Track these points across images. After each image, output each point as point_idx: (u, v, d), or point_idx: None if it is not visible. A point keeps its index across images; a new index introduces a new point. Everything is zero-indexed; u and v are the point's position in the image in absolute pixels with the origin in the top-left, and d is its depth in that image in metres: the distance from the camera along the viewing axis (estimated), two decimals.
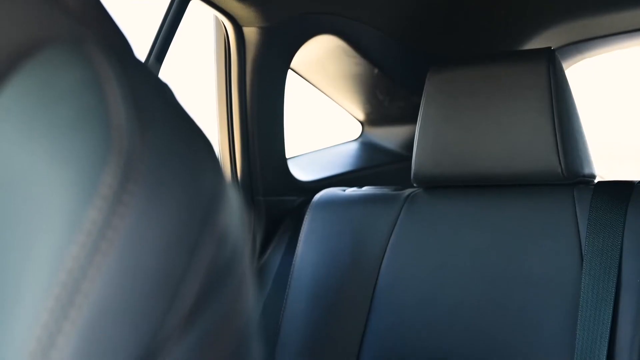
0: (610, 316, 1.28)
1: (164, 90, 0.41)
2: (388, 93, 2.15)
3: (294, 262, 1.56)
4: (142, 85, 0.39)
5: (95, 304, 0.34)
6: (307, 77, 2.03)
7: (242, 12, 1.63)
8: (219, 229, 0.38)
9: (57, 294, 0.33)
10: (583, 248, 1.34)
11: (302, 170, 1.93)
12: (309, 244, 1.55)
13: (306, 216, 1.59)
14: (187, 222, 0.36)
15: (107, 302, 0.34)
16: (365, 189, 1.62)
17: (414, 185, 1.55)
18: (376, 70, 2.04)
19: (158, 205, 0.35)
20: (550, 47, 1.47)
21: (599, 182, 1.46)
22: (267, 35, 1.68)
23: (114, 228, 0.34)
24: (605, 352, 1.27)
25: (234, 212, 0.40)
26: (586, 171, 1.44)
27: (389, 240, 1.50)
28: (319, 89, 2.09)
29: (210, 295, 0.37)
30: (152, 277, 0.35)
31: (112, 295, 0.34)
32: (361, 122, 2.26)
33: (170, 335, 0.35)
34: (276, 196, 1.78)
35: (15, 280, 0.34)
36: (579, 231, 1.36)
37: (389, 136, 2.23)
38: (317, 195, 1.63)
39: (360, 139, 2.25)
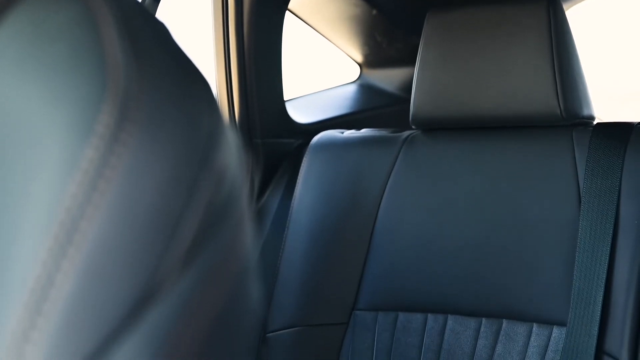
0: (607, 257, 1.29)
1: (161, 30, 0.41)
2: (386, 34, 2.13)
3: (292, 205, 1.56)
4: (138, 25, 0.39)
5: (94, 242, 0.34)
6: (305, 19, 2.01)
7: None
8: (217, 168, 0.38)
9: (56, 233, 0.33)
10: (581, 190, 1.34)
11: (300, 113, 1.92)
12: (307, 186, 1.55)
13: (304, 158, 1.59)
14: (185, 161, 0.36)
15: (106, 241, 0.34)
16: (364, 132, 1.62)
17: (413, 127, 1.55)
18: (374, 11, 2.02)
19: (155, 144, 0.35)
20: None
21: (598, 123, 1.45)
22: None
23: (111, 167, 0.34)
24: (602, 293, 1.28)
25: (231, 152, 0.40)
26: (585, 112, 1.44)
27: (387, 182, 1.50)
28: (316, 31, 2.07)
29: (208, 234, 0.37)
30: (150, 216, 0.35)
31: (111, 234, 0.34)
32: (359, 64, 2.24)
33: (169, 273, 0.35)
34: (274, 138, 1.78)
35: (13, 220, 0.34)
36: (577, 173, 1.36)
37: (387, 78, 2.22)
38: (315, 138, 1.63)
39: (358, 81, 2.24)
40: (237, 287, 0.40)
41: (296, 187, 1.57)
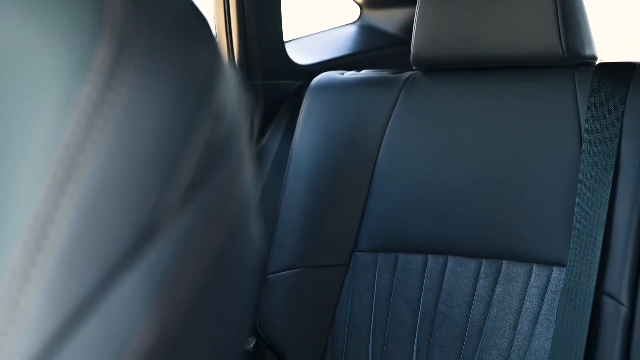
0: (607, 198, 1.29)
1: None
2: None
3: (292, 146, 1.56)
4: None
5: (93, 179, 0.34)
6: None
7: None
8: (216, 105, 0.37)
9: (54, 170, 0.33)
10: (582, 130, 1.34)
11: (299, 54, 1.91)
12: (307, 127, 1.55)
13: (304, 100, 1.58)
14: (184, 98, 0.36)
15: (105, 178, 0.34)
16: (364, 73, 1.61)
17: (413, 68, 1.54)
18: None
19: (153, 80, 0.35)
20: None
21: (600, 63, 1.44)
22: None
23: (109, 103, 0.34)
24: (602, 234, 1.28)
25: (231, 90, 0.40)
26: (587, 52, 1.43)
27: (387, 123, 1.49)
28: None
29: (207, 172, 0.37)
30: (148, 153, 0.34)
31: (109, 171, 0.34)
32: (359, 5, 2.22)
33: (168, 211, 0.35)
34: (274, 80, 1.77)
35: (12, 158, 0.34)
36: (578, 113, 1.35)
37: (387, 19, 2.20)
38: (315, 79, 1.62)
39: (358, 22, 2.22)
40: (237, 225, 0.40)
41: (296, 129, 1.57)
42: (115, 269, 0.34)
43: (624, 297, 1.26)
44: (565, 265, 1.31)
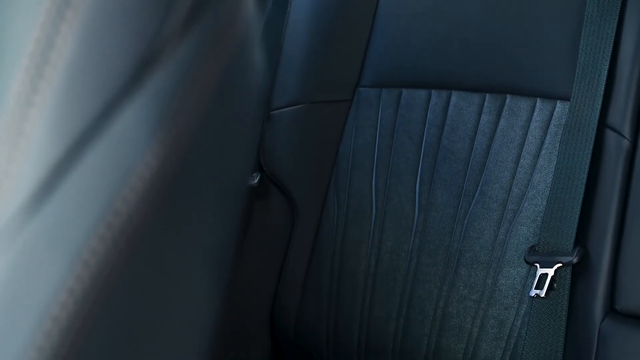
0: (613, 30, 1.27)
1: None
2: None
3: None
4: None
5: (92, 5, 0.33)
6: None
7: None
8: None
9: None
10: None
11: None
12: None
13: None
14: None
15: (104, 4, 0.33)
16: None
17: None
18: None
19: None
20: None
21: None
22: None
23: None
24: (606, 67, 1.27)
25: None
26: None
27: None
28: None
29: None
30: None
31: None
32: None
33: (169, 39, 0.35)
34: None
35: None
36: None
37: None
38: None
39: None
40: (239, 54, 0.39)
41: None
42: (118, 95, 0.33)
43: (626, 131, 1.26)
44: (569, 99, 1.31)
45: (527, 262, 1.29)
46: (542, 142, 1.33)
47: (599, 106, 1.27)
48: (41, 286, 0.31)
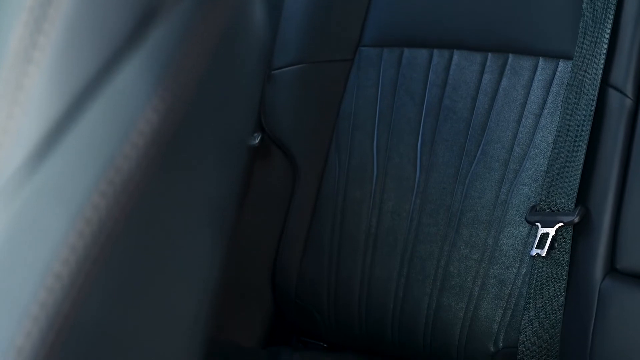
0: None
1: None
2: None
3: None
4: None
5: None
6: None
7: None
8: None
9: None
10: None
11: None
12: None
13: None
14: None
15: None
16: None
17: None
18: None
19: None
20: None
21: None
22: None
23: None
24: (610, 25, 1.26)
25: None
26: None
27: None
28: None
29: None
30: None
31: None
32: None
33: None
34: None
35: None
36: None
37: None
38: None
39: None
40: (239, 12, 0.39)
41: None
42: (118, 51, 0.33)
43: (629, 90, 1.26)
44: (571, 59, 1.30)
45: (528, 221, 1.29)
46: (544, 102, 1.32)
47: (601, 65, 1.26)
48: (43, 242, 0.31)
